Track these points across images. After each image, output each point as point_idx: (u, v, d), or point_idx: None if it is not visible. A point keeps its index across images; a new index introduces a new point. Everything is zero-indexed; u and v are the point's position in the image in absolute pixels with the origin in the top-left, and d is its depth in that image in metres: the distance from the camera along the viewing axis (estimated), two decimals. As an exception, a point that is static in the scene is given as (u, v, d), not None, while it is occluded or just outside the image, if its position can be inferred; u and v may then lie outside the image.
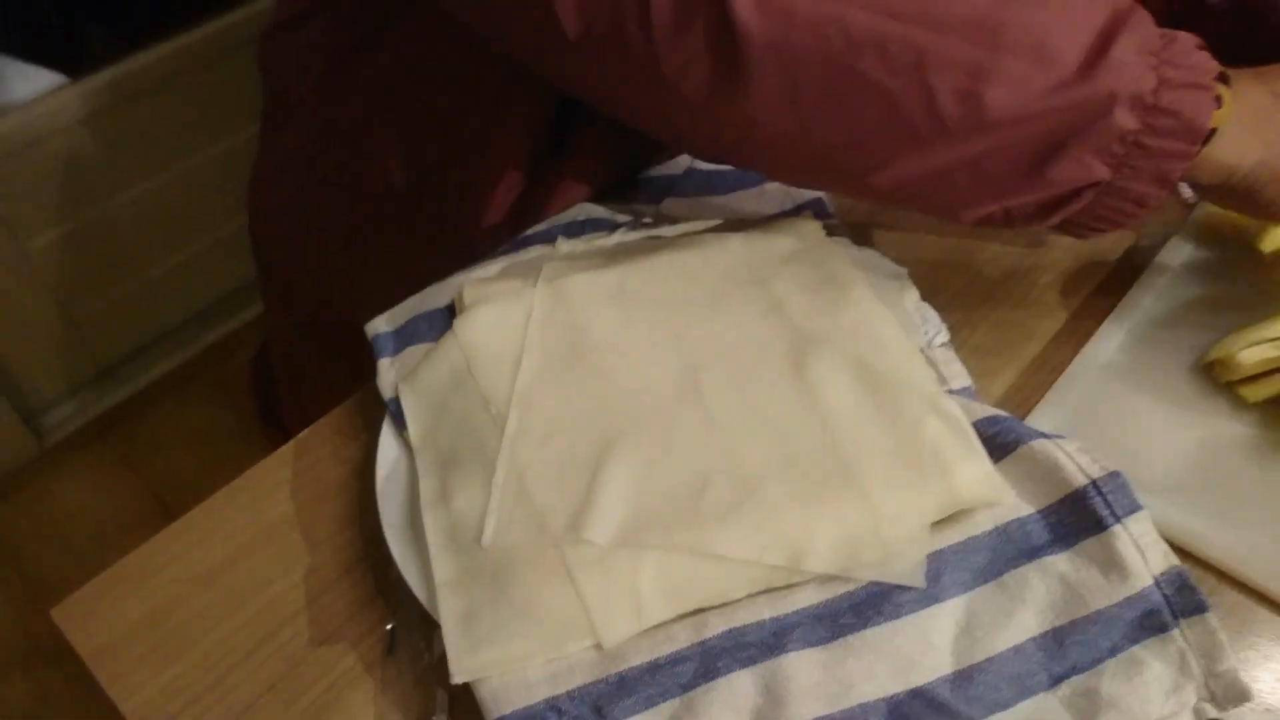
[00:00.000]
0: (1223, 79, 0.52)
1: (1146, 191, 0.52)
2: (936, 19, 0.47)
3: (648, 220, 0.67)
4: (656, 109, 0.53)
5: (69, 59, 1.50)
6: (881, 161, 0.51)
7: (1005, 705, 0.46)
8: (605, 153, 0.68)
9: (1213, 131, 0.51)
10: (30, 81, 1.48)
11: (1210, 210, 0.68)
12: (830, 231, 0.65)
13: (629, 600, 0.47)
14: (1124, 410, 0.58)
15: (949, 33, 0.47)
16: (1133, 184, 0.52)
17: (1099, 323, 0.63)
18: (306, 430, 0.59)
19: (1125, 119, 0.49)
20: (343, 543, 0.54)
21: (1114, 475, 0.50)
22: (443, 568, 0.48)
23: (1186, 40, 0.51)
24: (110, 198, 1.57)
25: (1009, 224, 0.55)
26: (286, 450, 0.58)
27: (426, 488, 0.51)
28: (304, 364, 0.88)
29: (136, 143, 1.56)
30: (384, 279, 0.64)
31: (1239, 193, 0.56)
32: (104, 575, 0.53)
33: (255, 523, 0.55)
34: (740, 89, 0.48)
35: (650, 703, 0.45)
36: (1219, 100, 0.51)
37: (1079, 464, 0.50)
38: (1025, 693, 0.46)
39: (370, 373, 0.58)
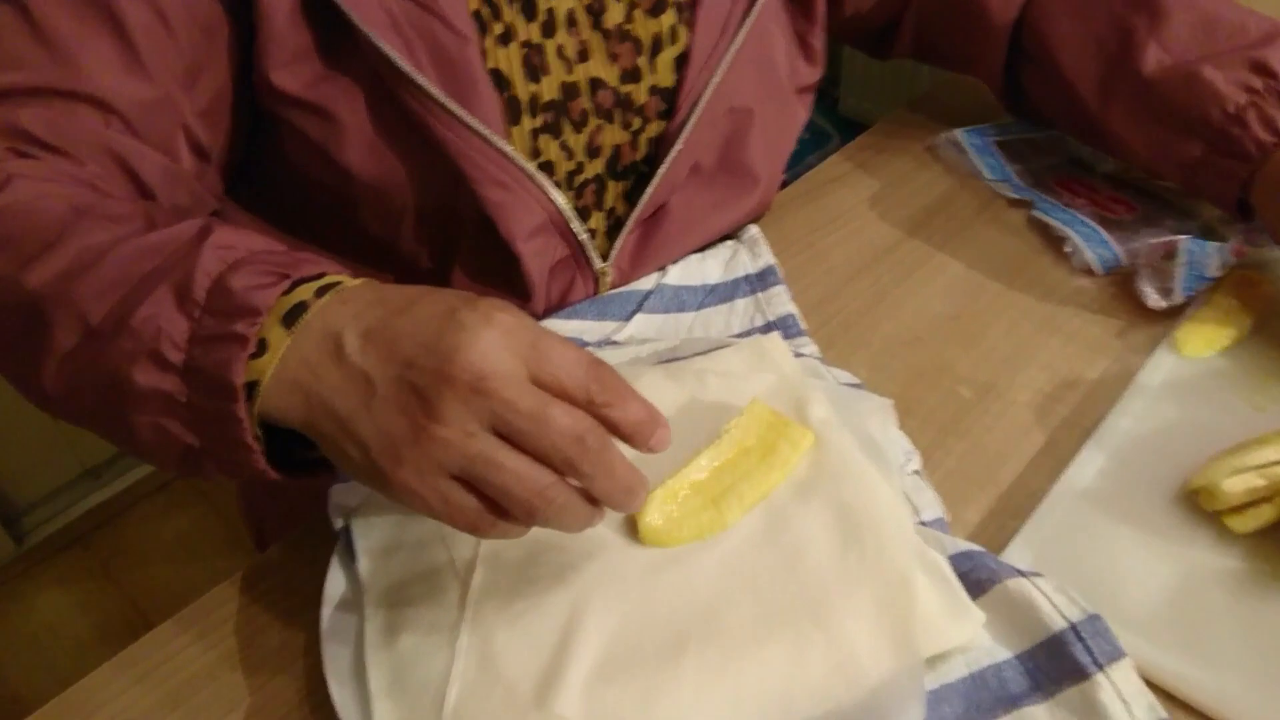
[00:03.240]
0: (296, 314, 0.43)
1: (238, 457, 0.44)
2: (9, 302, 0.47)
3: (617, 340, 0.66)
4: None
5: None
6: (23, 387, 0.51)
7: None
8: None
9: (256, 384, 0.43)
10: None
11: (1191, 322, 0.67)
12: (800, 349, 0.64)
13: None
14: (1104, 542, 0.56)
15: (13, 312, 0.47)
16: (221, 447, 0.44)
17: (1077, 445, 0.60)
18: (254, 560, 0.57)
19: (152, 379, 0.43)
20: (291, 676, 0.51)
21: (1094, 619, 0.47)
22: (384, 714, 0.45)
23: (249, 275, 0.43)
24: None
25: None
26: (234, 583, 0.56)
27: (372, 629, 0.49)
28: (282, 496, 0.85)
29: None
30: None
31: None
32: (44, 709, 0.51)
33: (201, 658, 0.53)
34: None
35: None
36: (263, 345, 0.43)
37: (1057, 605, 0.48)
38: None
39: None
